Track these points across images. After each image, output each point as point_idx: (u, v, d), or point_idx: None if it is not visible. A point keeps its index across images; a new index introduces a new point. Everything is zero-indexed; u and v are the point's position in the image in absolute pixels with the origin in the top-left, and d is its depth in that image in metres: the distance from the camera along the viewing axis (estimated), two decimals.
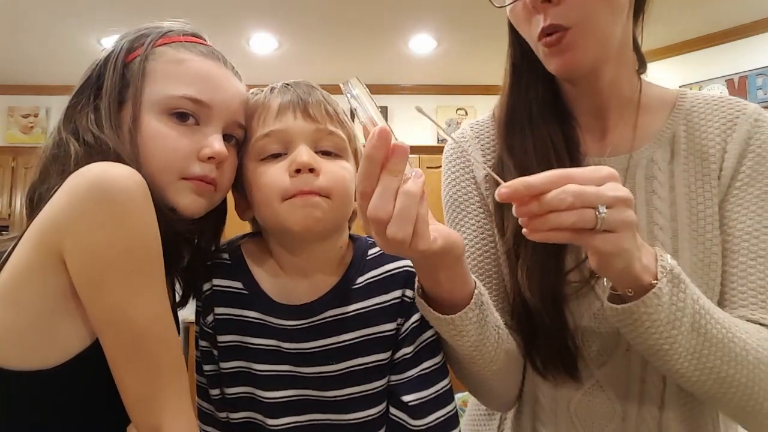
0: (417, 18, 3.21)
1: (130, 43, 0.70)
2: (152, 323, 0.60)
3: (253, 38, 3.46)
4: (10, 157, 4.05)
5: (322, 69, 3.89)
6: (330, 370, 0.70)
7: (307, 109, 0.69)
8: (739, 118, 0.74)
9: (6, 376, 0.58)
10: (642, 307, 0.57)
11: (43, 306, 0.59)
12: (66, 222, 0.58)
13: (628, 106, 0.77)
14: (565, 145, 0.76)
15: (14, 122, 4.24)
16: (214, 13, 3.08)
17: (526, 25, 0.70)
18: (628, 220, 0.53)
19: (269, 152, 0.69)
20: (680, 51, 3.51)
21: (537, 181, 0.51)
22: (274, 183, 0.67)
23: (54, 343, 0.60)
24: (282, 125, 0.69)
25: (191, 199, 0.68)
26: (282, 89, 0.72)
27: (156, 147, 0.66)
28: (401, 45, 3.56)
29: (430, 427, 0.68)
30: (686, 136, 0.76)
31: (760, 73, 3.20)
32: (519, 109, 0.78)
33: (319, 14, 3.18)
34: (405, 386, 0.70)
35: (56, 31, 3.30)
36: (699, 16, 3.18)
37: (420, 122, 4.25)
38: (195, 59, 0.70)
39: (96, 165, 0.59)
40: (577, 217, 0.50)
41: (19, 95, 4.21)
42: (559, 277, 0.71)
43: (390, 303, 0.71)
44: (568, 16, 0.66)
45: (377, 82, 4.10)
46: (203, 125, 0.69)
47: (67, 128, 0.69)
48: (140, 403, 0.60)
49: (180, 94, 0.67)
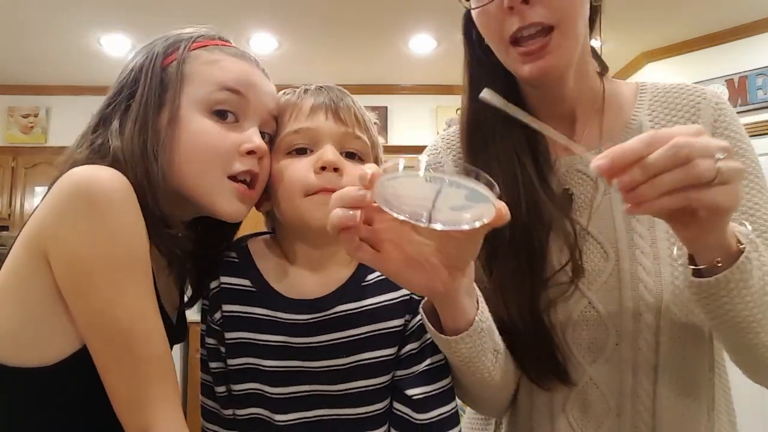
0: (417, 18, 3.21)
1: (165, 48, 0.71)
2: (137, 326, 0.60)
3: (253, 38, 3.45)
4: (10, 157, 4.05)
5: (322, 69, 3.89)
6: (338, 364, 0.71)
7: (338, 111, 0.72)
8: (701, 104, 0.75)
9: (4, 372, 0.59)
10: (737, 273, 0.54)
11: (35, 307, 0.59)
12: (49, 226, 0.58)
13: (592, 107, 0.78)
14: (530, 152, 0.75)
15: (14, 122, 4.23)
16: (214, 13, 3.08)
17: (497, 26, 0.69)
18: (740, 167, 0.49)
19: (296, 146, 0.72)
20: (680, 51, 3.50)
21: (636, 144, 0.47)
22: (299, 178, 0.69)
23: (48, 343, 0.60)
24: (312, 124, 0.71)
25: (235, 205, 0.70)
26: (315, 91, 0.75)
27: (200, 144, 0.67)
28: (401, 45, 3.56)
29: (433, 422, 0.69)
30: (651, 125, 0.77)
31: (760, 73, 3.20)
32: (480, 116, 0.77)
33: (319, 14, 3.18)
34: (410, 381, 0.71)
35: (56, 31, 3.30)
36: (699, 16, 3.17)
37: (420, 122, 4.25)
38: (230, 59, 0.72)
39: (79, 168, 0.59)
40: (696, 170, 0.46)
41: (19, 95, 4.20)
42: (534, 289, 0.71)
43: (399, 300, 0.72)
44: (551, 16, 0.66)
45: (377, 82, 4.10)
46: (242, 121, 0.70)
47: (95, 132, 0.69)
48: (128, 406, 0.60)
49: (220, 86, 0.69)
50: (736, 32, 3.28)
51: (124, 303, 0.59)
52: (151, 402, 0.60)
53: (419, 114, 4.26)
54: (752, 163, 0.74)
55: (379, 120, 0.83)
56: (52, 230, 0.58)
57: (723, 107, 0.76)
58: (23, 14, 3.11)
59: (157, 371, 0.61)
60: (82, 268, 0.58)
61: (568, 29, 0.67)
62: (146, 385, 0.60)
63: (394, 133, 4.27)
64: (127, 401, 0.60)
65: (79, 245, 0.57)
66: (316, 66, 3.86)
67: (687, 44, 3.47)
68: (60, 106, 4.17)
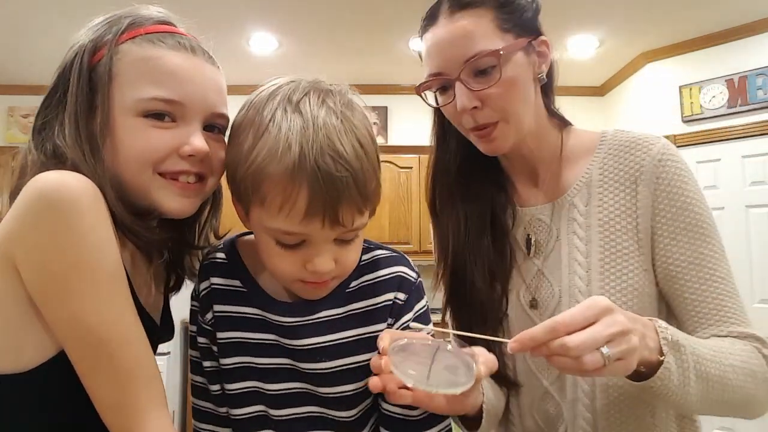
0: (417, 18, 3.20)
1: (94, 42, 0.68)
2: (113, 332, 0.58)
3: (253, 38, 3.45)
4: (10, 157, 4.03)
5: (322, 69, 3.84)
6: (322, 368, 0.72)
7: (337, 216, 0.62)
8: (645, 160, 0.84)
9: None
10: (658, 381, 0.66)
11: (10, 315, 0.58)
12: (16, 233, 0.57)
13: (552, 160, 0.90)
14: (490, 206, 0.92)
15: (14, 122, 4.23)
16: (214, 13, 3.07)
17: (457, 120, 0.85)
18: (631, 347, 0.60)
19: (286, 242, 0.64)
20: (680, 51, 3.50)
21: (539, 333, 0.59)
22: (288, 271, 0.66)
23: (23, 349, 0.58)
24: (306, 230, 0.62)
25: (177, 201, 0.68)
26: (314, 168, 0.59)
27: (134, 149, 0.64)
28: (401, 45, 3.56)
29: (423, 417, 0.72)
30: (601, 179, 0.87)
31: (760, 73, 3.19)
32: (445, 167, 0.95)
33: (319, 14, 3.17)
34: None
35: (56, 31, 3.29)
36: (699, 16, 3.17)
37: (420, 122, 4.24)
38: (162, 55, 0.66)
39: (45, 174, 0.58)
40: (584, 365, 0.57)
41: (19, 95, 4.20)
42: (492, 310, 0.88)
43: (382, 305, 0.74)
44: (491, 116, 0.82)
45: (377, 82, 4.10)
46: (180, 122, 0.67)
47: (37, 135, 0.67)
48: (112, 411, 0.59)
49: (150, 96, 0.64)
50: (736, 32, 3.28)
51: (97, 310, 0.57)
52: (135, 407, 0.58)
53: (419, 114, 4.23)
54: (697, 216, 0.81)
55: (379, 120, 0.85)
56: (19, 238, 0.57)
57: (666, 163, 0.83)
58: (23, 14, 3.11)
59: (139, 376, 0.60)
60: (52, 276, 0.56)
61: (511, 121, 0.82)
62: (129, 390, 0.58)
63: (394, 133, 4.26)
64: (110, 407, 0.59)
65: (46, 253, 0.56)
66: (316, 66, 3.86)
67: (687, 44, 3.46)
68: None
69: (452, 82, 0.82)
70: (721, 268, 0.81)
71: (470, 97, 0.80)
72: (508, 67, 0.80)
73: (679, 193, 0.81)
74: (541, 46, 0.85)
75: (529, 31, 0.83)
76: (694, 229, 0.81)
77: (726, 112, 3.30)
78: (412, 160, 3.94)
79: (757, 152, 3.19)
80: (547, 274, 0.88)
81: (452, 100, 0.83)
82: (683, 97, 3.47)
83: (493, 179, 0.94)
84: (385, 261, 0.76)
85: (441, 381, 0.60)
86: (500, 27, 0.80)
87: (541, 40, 0.85)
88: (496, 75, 0.79)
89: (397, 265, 0.76)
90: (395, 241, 3.79)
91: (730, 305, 0.79)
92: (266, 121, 0.62)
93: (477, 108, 0.81)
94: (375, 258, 0.76)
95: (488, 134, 0.83)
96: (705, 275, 0.80)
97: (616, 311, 0.61)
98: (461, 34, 0.80)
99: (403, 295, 0.74)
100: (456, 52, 0.80)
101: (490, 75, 0.80)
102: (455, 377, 0.61)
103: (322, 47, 3.62)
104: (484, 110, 0.81)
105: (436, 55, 0.83)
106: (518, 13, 0.82)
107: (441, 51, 0.82)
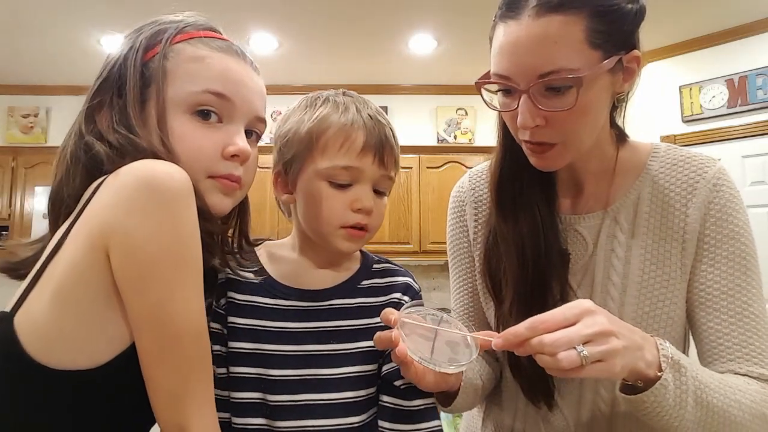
0: (417, 18, 3.21)
1: (147, 40, 0.69)
2: (190, 321, 0.60)
3: (253, 38, 3.45)
4: (10, 157, 4.04)
5: (322, 69, 3.89)
6: (330, 349, 0.79)
7: (383, 155, 0.80)
8: (699, 183, 0.79)
9: (47, 375, 0.57)
10: (651, 397, 0.64)
11: (91, 306, 0.58)
12: (113, 220, 0.57)
13: (602, 173, 0.85)
14: (547, 208, 0.85)
15: (14, 122, 4.23)
16: (214, 13, 3.06)
17: (514, 127, 0.78)
18: (611, 349, 0.59)
19: (339, 181, 0.78)
20: (680, 51, 3.50)
21: (520, 330, 0.60)
22: (337, 212, 0.79)
23: (99, 344, 0.59)
24: (361, 164, 0.78)
25: (219, 198, 0.70)
26: (366, 124, 0.79)
27: (182, 146, 0.66)
28: (401, 45, 3.56)
29: (418, 409, 0.79)
30: (650, 198, 0.82)
31: (760, 73, 3.19)
32: (512, 171, 0.86)
33: (319, 14, 3.17)
34: (395, 373, 0.78)
35: (56, 31, 3.30)
36: (699, 16, 3.17)
37: (420, 122, 4.25)
38: (214, 56, 0.69)
39: (142, 163, 0.59)
40: (561, 363, 0.58)
41: (19, 95, 4.20)
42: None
43: (388, 302, 0.84)
44: (553, 137, 0.75)
45: (377, 82, 4.10)
46: (226, 122, 0.69)
47: (89, 130, 0.67)
48: (167, 402, 0.60)
49: (203, 88, 0.67)
50: (736, 32, 3.28)
51: (181, 299, 0.59)
52: (192, 399, 0.60)
53: (419, 114, 4.26)
54: (742, 246, 0.78)
55: None
56: (116, 223, 0.57)
57: (721, 188, 0.79)
58: (23, 14, 3.11)
59: (202, 370, 0.61)
60: (146, 262, 0.57)
61: (571, 144, 0.76)
62: (190, 382, 0.60)
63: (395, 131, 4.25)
64: (167, 397, 0.60)
65: (145, 238, 0.57)
66: (316, 66, 3.86)
67: (687, 44, 3.46)
68: (60, 106, 4.16)
69: (519, 92, 0.72)
70: (756, 304, 0.76)
71: (535, 115, 0.72)
72: (587, 92, 0.70)
73: (729, 220, 0.78)
74: (632, 62, 0.74)
75: (622, 46, 0.72)
76: (737, 259, 0.77)
77: (726, 112, 3.30)
78: (412, 160, 3.93)
79: (757, 152, 3.19)
80: (575, 287, 0.83)
81: (514, 109, 0.74)
82: (683, 97, 3.47)
83: (541, 182, 0.86)
84: (394, 271, 0.89)
85: (443, 358, 0.65)
86: (590, 41, 0.69)
87: (633, 56, 0.74)
88: (570, 99, 0.70)
89: (405, 276, 0.88)
90: (395, 241, 3.79)
91: (757, 344, 0.74)
92: (321, 99, 0.83)
93: (539, 126, 0.73)
94: (386, 268, 0.89)
95: (543, 152, 0.76)
96: (737, 308, 0.76)
97: (599, 313, 0.61)
98: (543, 41, 0.69)
99: (407, 298, 0.84)
100: (532, 61, 0.70)
101: (563, 96, 0.70)
102: (455, 355, 0.67)
103: (322, 47, 3.62)
104: (545, 129, 0.74)
105: (509, 56, 0.72)
106: (616, 24, 0.71)
107: (514, 54, 0.71)
